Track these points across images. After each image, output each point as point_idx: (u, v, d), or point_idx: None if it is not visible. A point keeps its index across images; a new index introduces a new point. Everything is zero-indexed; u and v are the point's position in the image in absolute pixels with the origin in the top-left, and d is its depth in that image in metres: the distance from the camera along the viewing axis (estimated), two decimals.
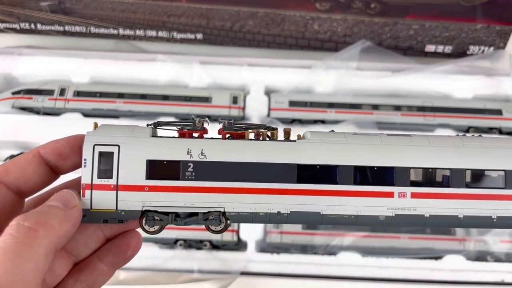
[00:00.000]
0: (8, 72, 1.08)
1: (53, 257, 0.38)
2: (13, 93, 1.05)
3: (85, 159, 0.45)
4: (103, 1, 1.08)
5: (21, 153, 0.98)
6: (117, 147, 0.46)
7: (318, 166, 0.46)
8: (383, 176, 0.46)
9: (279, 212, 0.46)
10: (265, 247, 0.94)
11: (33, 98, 1.04)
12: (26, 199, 0.46)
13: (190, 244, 0.93)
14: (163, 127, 0.49)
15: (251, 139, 0.48)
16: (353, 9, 1.06)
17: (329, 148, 0.46)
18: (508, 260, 0.94)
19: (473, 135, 0.50)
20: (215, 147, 0.46)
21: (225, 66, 1.09)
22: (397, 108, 1.05)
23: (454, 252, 0.93)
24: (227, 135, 0.48)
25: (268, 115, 1.04)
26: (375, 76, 1.08)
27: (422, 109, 1.05)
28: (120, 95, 1.05)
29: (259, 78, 1.08)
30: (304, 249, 0.94)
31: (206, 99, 1.05)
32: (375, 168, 0.46)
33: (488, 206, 0.46)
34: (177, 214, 0.47)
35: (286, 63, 1.09)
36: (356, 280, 0.90)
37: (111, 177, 0.46)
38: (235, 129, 0.48)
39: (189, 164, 0.46)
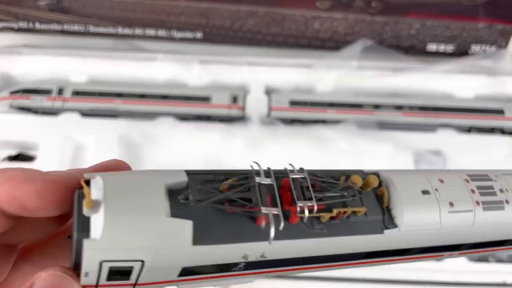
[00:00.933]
0: (6, 71, 1.07)
1: None
2: (11, 93, 1.04)
3: (86, 273, 0.27)
4: None
5: (19, 154, 0.97)
6: (140, 263, 0.28)
7: (404, 249, 0.40)
8: (460, 247, 0.44)
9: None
10: None
11: (31, 98, 1.03)
12: None
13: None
14: (203, 203, 0.30)
15: (326, 223, 0.35)
16: (354, 8, 1.05)
17: (420, 236, 0.39)
18: (509, 261, 0.93)
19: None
20: (281, 249, 0.33)
21: (225, 65, 1.08)
22: (399, 107, 1.04)
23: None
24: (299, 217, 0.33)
25: (268, 115, 1.04)
26: (376, 75, 1.07)
27: (423, 108, 1.04)
28: (119, 95, 1.04)
29: (259, 78, 1.07)
30: None
31: (206, 99, 1.05)
32: (458, 245, 0.43)
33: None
34: None
35: (286, 62, 1.09)
36: (356, 282, 0.90)
37: (127, 280, 0.29)
38: (308, 195, 0.33)
39: (240, 263, 0.32)
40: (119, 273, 0.29)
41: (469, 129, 1.04)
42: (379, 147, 0.99)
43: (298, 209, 0.32)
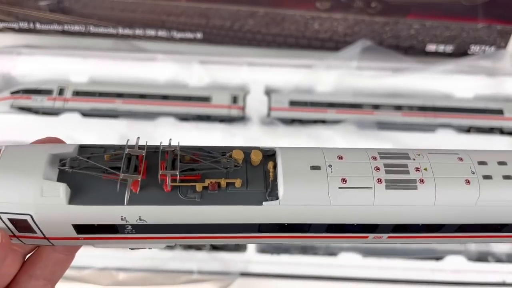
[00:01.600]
0: (7, 71, 1.07)
1: None
2: (12, 93, 1.04)
3: None
4: (102, 0, 1.08)
5: None
6: (29, 216, 0.35)
7: (286, 224, 0.38)
8: (362, 228, 0.39)
9: (237, 244, 0.42)
10: (265, 248, 0.93)
11: (31, 98, 1.03)
12: None
13: (189, 245, 0.93)
14: (80, 171, 0.36)
15: (203, 192, 0.37)
16: (354, 9, 1.05)
17: (304, 211, 0.37)
18: (509, 261, 0.93)
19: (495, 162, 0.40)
20: (155, 213, 0.36)
21: (225, 65, 1.08)
22: (398, 107, 1.05)
23: (455, 252, 0.93)
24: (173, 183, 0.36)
25: (268, 115, 1.04)
26: (375, 75, 1.08)
27: (423, 108, 1.05)
28: (119, 95, 1.05)
29: (259, 78, 1.08)
30: (304, 249, 0.94)
31: (206, 99, 1.05)
32: (355, 225, 0.38)
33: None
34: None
35: (286, 62, 1.09)
36: (356, 281, 0.90)
37: (34, 232, 0.36)
38: (183, 169, 0.36)
39: (126, 226, 0.37)
40: (20, 225, 0.35)
41: (469, 129, 1.04)
42: (379, 147, 0.99)
43: (165, 178, 0.35)
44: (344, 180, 0.37)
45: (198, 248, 0.93)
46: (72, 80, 1.08)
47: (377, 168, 0.38)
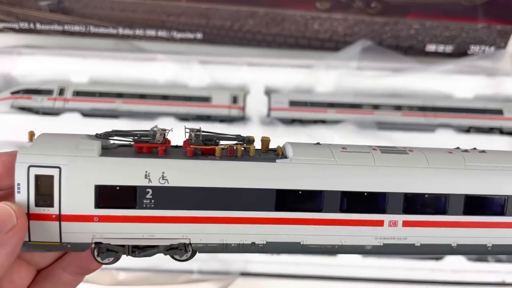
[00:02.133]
0: (7, 71, 1.07)
1: None
2: (12, 93, 1.04)
3: (18, 184, 0.36)
4: (103, 0, 1.08)
5: None
6: (57, 170, 0.36)
7: (300, 192, 0.39)
8: (373, 202, 0.41)
9: (253, 243, 0.40)
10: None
11: (32, 98, 1.03)
12: None
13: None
14: (115, 138, 0.40)
15: (222, 156, 0.40)
16: (354, 9, 1.05)
17: (314, 170, 0.39)
18: (508, 261, 0.93)
19: (476, 150, 0.44)
20: (178, 169, 0.38)
21: (225, 65, 1.08)
22: (398, 108, 1.05)
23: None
24: (194, 150, 0.39)
25: (268, 115, 1.04)
26: (375, 75, 1.08)
27: (423, 109, 1.05)
28: (120, 95, 1.05)
29: (259, 78, 1.08)
30: None
31: (206, 99, 1.05)
32: (365, 194, 0.40)
33: (484, 234, 0.43)
34: (134, 245, 0.39)
35: (286, 62, 1.09)
36: (356, 281, 0.90)
37: (52, 206, 0.37)
38: (205, 142, 0.40)
39: (147, 190, 0.38)
40: (43, 186, 0.36)
41: (468, 129, 1.04)
42: None
43: (188, 147, 0.40)
44: (344, 148, 0.42)
45: None
46: (72, 80, 1.08)
47: (374, 148, 0.43)
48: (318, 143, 0.43)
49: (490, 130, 1.04)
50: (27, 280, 0.40)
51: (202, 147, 0.39)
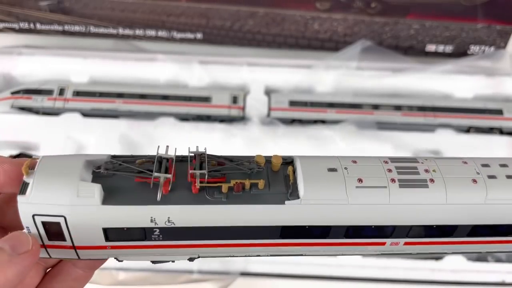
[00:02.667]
0: (7, 72, 1.07)
1: None
2: (12, 93, 1.04)
3: (27, 227, 0.37)
4: (103, 0, 1.08)
5: (20, 154, 0.98)
6: (62, 218, 0.36)
7: (307, 227, 0.39)
8: (380, 231, 0.41)
9: (258, 255, 0.42)
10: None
11: (32, 98, 1.03)
12: None
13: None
14: (115, 171, 0.38)
15: (229, 192, 0.39)
16: (354, 9, 1.06)
17: (324, 210, 0.39)
18: (508, 261, 0.93)
19: (506, 168, 0.42)
20: (184, 214, 0.37)
21: (225, 65, 1.08)
22: (398, 108, 1.05)
23: (454, 252, 0.93)
24: (201, 185, 0.38)
25: (268, 115, 1.04)
26: (375, 76, 1.08)
27: (422, 109, 1.05)
28: (120, 95, 1.05)
29: (259, 78, 1.08)
30: None
31: (206, 99, 1.05)
32: (373, 227, 0.40)
33: (485, 248, 0.44)
34: None
35: (286, 62, 1.09)
36: (356, 281, 0.90)
37: (64, 240, 0.38)
38: (210, 171, 0.38)
39: (154, 229, 0.38)
40: (52, 229, 0.37)
41: (468, 129, 1.04)
42: (379, 147, 0.99)
43: (195, 178, 0.37)
44: (360, 180, 0.39)
45: None
46: (72, 80, 1.08)
47: (390, 170, 0.40)
48: (333, 169, 0.40)
49: (490, 130, 1.04)
50: (36, 278, 0.41)
51: (208, 184, 0.38)
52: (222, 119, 1.05)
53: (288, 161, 0.41)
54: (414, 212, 0.39)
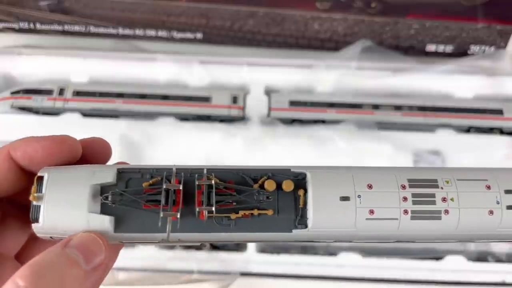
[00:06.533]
0: (7, 71, 1.07)
1: None
2: (12, 93, 1.04)
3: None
4: (103, 0, 1.08)
5: None
6: None
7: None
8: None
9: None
10: (265, 247, 0.93)
11: (32, 98, 1.03)
12: None
13: (189, 245, 0.93)
14: (120, 205, 0.39)
15: (237, 220, 0.40)
16: (354, 9, 1.05)
17: (331, 236, 0.41)
18: (509, 261, 0.93)
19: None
20: (193, 240, 0.40)
21: (225, 65, 1.08)
22: (398, 108, 1.05)
23: (454, 252, 0.93)
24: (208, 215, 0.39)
25: (268, 115, 1.04)
26: (375, 75, 1.08)
27: (423, 109, 1.05)
28: (120, 95, 1.05)
29: (259, 78, 1.08)
30: (304, 249, 0.94)
31: (206, 99, 1.05)
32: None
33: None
34: None
35: (286, 62, 1.09)
36: (356, 281, 0.90)
37: None
38: (218, 199, 0.39)
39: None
40: None
41: (468, 129, 1.04)
42: (379, 147, 0.99)
43: (203, 211, 0.38)
44: (371, 212, 0.39)
45: (198, 248, 0.93)
46: (72, 80, 1.08)
47: (405, 199, 0.39)
48: (346, 198, 0.39)
49: (490, 130, 1.04)
50: (19, 243, 0.40)
51: (217, 213, 0.38)
52: (222, 119, 1.05)
53: (300, 178, 0.41)
54: (419, 238, 0.40)
